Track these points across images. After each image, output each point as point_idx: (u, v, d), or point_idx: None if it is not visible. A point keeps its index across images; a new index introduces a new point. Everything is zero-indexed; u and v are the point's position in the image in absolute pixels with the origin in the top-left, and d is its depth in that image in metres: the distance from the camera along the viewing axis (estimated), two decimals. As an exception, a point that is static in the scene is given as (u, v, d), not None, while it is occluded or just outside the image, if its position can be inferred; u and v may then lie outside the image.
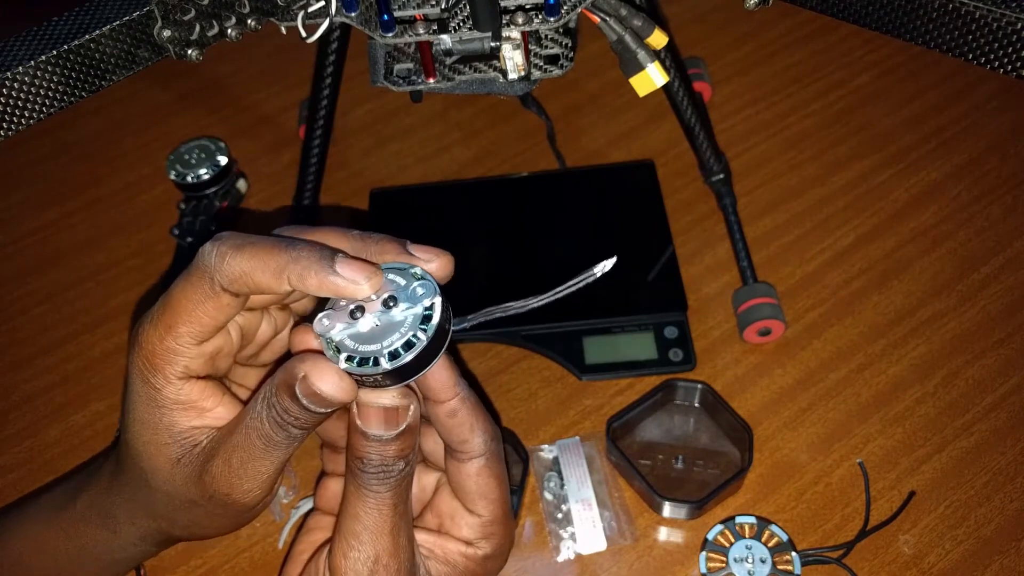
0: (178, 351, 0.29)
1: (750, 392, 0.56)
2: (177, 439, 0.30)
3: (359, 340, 0.27)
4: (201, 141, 0.68)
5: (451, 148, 0.73)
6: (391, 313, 0.28)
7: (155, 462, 0.31)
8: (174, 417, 0.30)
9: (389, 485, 0.29)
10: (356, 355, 0.27)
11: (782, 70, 0.76)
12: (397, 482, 0.29)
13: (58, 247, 0.70)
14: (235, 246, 0.28)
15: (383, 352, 0.27)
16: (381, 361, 0.27)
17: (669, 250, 0.61)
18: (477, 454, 0.32)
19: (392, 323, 0.27)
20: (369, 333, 0.27)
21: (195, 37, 0.47)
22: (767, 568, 0.46)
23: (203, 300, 0.29)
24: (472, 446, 0.31)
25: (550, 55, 0.53)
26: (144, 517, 0.33)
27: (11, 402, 0.60)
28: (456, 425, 0.31)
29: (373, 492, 0.29)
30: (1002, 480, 0.50)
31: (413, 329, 0.27)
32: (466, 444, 0.31)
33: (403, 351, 0.27)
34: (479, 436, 0.31)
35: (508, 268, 0.62)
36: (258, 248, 0.28)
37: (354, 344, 0.27)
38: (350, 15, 0.49)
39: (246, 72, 0.83)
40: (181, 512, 0.32)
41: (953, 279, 0.60)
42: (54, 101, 0.84)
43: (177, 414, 0.30)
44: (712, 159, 0.61)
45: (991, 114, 0.70)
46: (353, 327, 0.28)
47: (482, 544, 0.33)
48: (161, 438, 0.30)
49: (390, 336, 0.27)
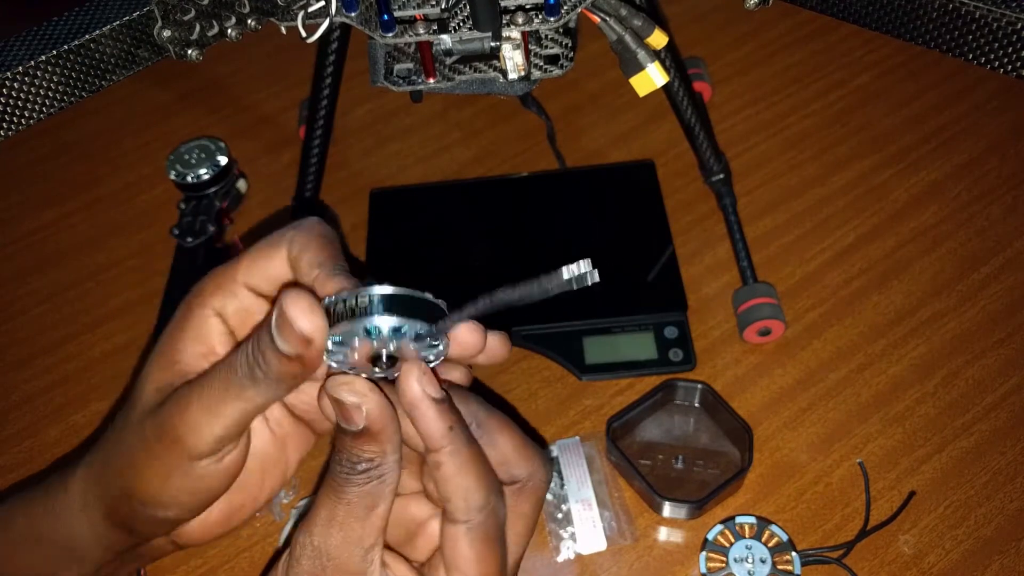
0: (227, 288, 0.30)
1: (750, 392, 0.56)
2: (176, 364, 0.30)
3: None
4: (201, 141, 0.68)
5: (451, 148, 0.73)
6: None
7: (145, 386, 0.30)
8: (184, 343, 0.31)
9: (354, 482, 0.27)
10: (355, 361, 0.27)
11: (782, 70, 0.76)
12: (364, 481, 0.27)
13: (58, 247, 0.70)
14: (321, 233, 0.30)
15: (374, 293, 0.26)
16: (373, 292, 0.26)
17: (669, 250, 0.61)
18: (458, 520, 0.28)
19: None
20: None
21: (195, 37, 0.47)
22: (767, 568, 0.46)
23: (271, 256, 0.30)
24: (452, 508, 0.28)
25: (550, 55, 0.53)
26: (118, 499, 0.31)
27: (11, 402, 0.60)
28: (439, 479, 0.28)
29: (337, 482, 0.28)
30: (1002, 480, 0.50)
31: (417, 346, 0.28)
32: (448, 503, 0.28)
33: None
34: (462, 501, 0.28)
35: (508, 268, 0.62)
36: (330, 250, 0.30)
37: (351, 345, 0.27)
38: (350, 15, 0.49)
39: (246, 72, 0.83)
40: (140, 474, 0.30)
41: (953, 279, 0.60)
42: (54, 101, 0.84)
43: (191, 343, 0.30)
44: (712, 159, 0.61)
45: (991, 114, 0.70)
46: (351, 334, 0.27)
47: None
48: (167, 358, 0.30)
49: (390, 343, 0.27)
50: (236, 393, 0.28)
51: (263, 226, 0.69)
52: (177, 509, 0.31)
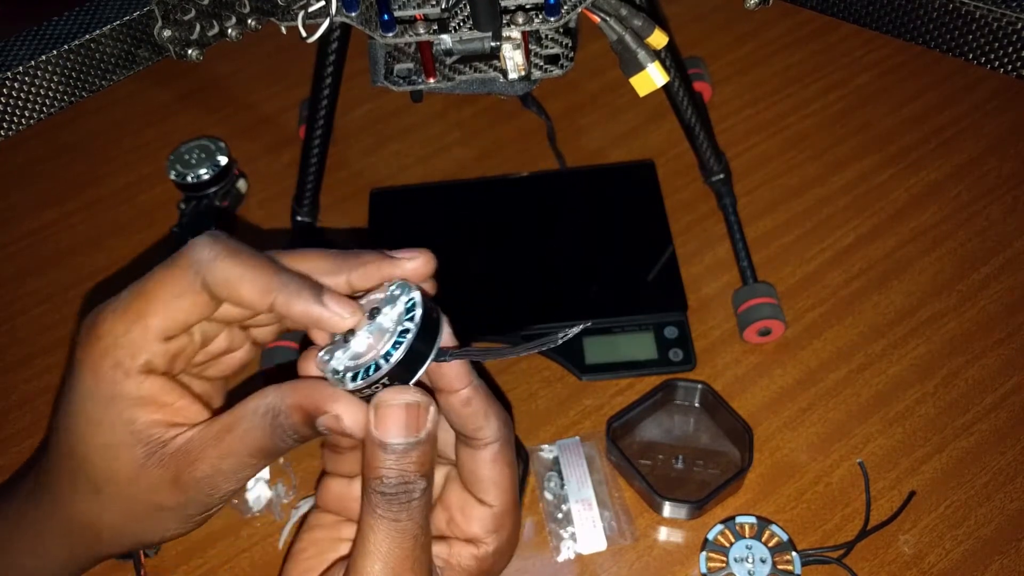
0: (143, 345, 0.28)
1: (750, 392, 0.56)
2: (140, 438, 0.28)
3: (358, 358, 0.28)
4: (201, 141, 0.68)
5: (451, 148, 0.73)
6: (378, 321, 0.28)
7: (113, 466, 0.28)
8: (133, 413, 0.28)
9: (410, 511, 0.28)
10: (358, 369, 0.27)
11: (782, 70, 0.76)
12: (418, 507, 0.28)
13: (58, 247, 0.70)
14: (231, 250, 0.28)
15: (379, 355, 0.27)
16: (381, 364, 0.27)
17: (669, 250, 0.61)
18: (492, 440, 0.31)
19: (382, 330, 0.28)
20: (365, 348, 0.28)
21: (195, 37, 0.47)
22: (767, 568, 0.46)
23: (182, 294, 0.28)
24: (486, 432, 0.31)
25: (550, 55, 0.53)
26: (81, 535, 0.31)
27: (11, 402, 0.60)
28: (471, 414, 0.30)
29: (391, 521, 0.27)
30: (1002, 480, 0.50)
31: (400, 324, 0.28)
32: (480, 431, 0.31)
33: (395, 348, 0.27)
34: (493, 422, 0.31)
35: (508, 268, 0.62)
36: (253, 261, 0.28)
37: (354, 363, 0.28)
38: (350, 15, 0.49)
39: (246, 72, 0.83)
40: (138, 521, 0.30)
41: (953, 279, 0.60)
42: (54, 101, 0.84)
43: (137, 410, 0.28)
44: (712, 159, 0.61)
45: (991, 114, 0.70)
46: (349, 350, 0.28)
47: (490, 539, 0.32)
48: (119, 438, 0.28)
49: (382, 340, 0.27)
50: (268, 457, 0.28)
51: (262, 235, 0.69)
52: (170, 539, 0.31)
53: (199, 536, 0.52)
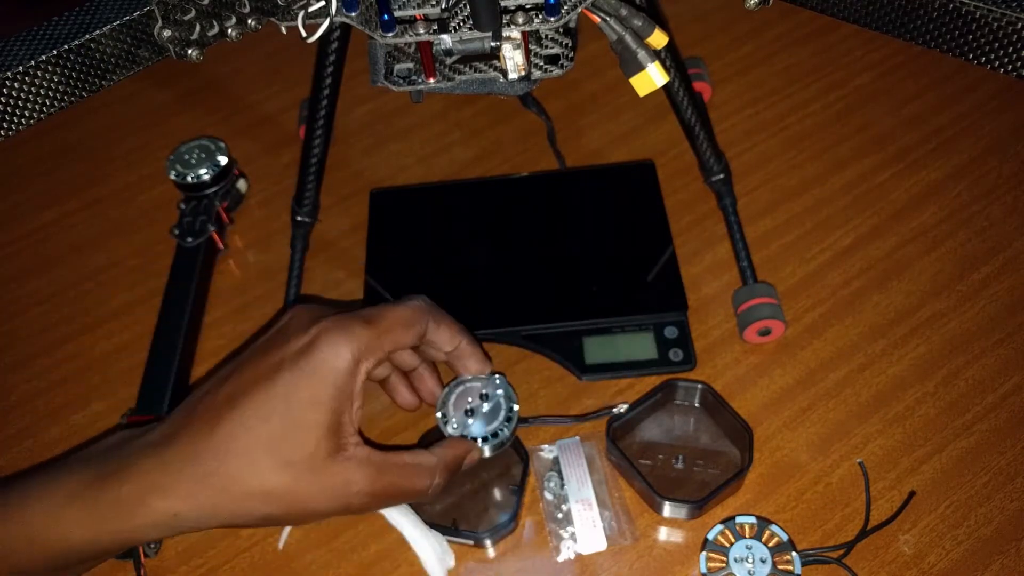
0: (379, 352, 0.42)
1: (750, 392, 0.56)
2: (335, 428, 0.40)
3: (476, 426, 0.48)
4: (201, 141, 0.68)
5: (451, 148, 0.73)
6: (492, 403, 0.49)
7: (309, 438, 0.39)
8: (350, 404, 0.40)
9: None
10: (488, 437, 0.48)
11: (782, 70, 0.76)
12: None
13: (58, 247, 0.70)
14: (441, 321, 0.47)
15: (500, 430, 0.48)
16: (501, 435, 0.48)
17: (669, 250, 0.61)
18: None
19: (494, 411, 0.49)
20: (485, 422, 0.48)
21: (195, 37, 0.47)
22: (767, 568, 0.46)
23: (410, 328, 0.44)
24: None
25: (550, 55, 0.53)
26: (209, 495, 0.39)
27: (11, 402, 0.60)
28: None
29: None
30: (1002, 480, 0.50)
31: (507, 410, 0.49)
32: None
33: (492, 437, 0.48)
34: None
35: (508, 267, 0.62)
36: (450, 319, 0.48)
37: (482, 431, 0.48)
38: (350, 15, 0.49)
39: (246, 72, 0.83)
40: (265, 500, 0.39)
41: (953, 279, 0.60)
42: (55, 101, 0.85)
43: (352, 401, 0.41)
44: (712, 159, 0.62)
45: (991, 114, 0.70)
46: (473, 422, 0.48)
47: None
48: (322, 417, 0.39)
49: (496, 421, 0.48)
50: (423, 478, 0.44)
51: (266, 233, 0.69)
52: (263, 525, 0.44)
53: (199, 536, 0.52)
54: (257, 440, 0.39)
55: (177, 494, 0.39)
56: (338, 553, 0.51)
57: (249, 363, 0.41)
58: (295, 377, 0.40)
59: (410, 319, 0.44)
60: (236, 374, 0.41)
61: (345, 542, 0.51)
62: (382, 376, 0.50)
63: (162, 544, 0.52)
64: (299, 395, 0.39)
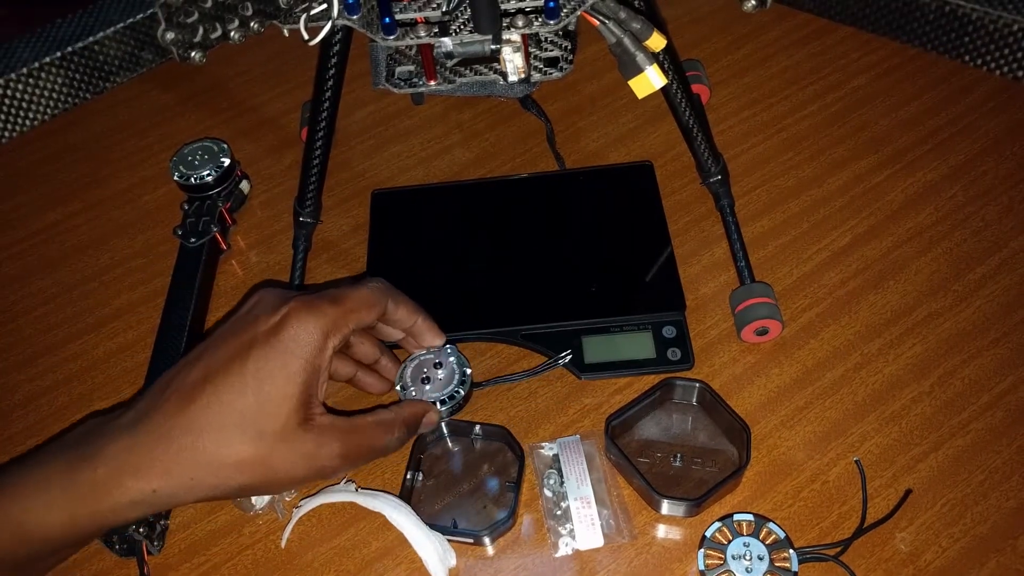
0: (345, 329, 0.45)
1: (748, 391, 0.56)
2: (305, 400, 0.42)
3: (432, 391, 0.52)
4: (204, 142, 0.69)
5: (452, 150, 0.73)
6: (447, 369, 0.53)
7: (281, 410, 0.42)
8: (317, 378, 0.43)
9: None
10: (444, 399, 0.52)
11: (779, 72, 0.76)
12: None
13: (62, 247, 0.71)
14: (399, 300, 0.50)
15: (454, 392, 0.52)
16: (457, 397, 0.52)
17: (667, 250, 0.61)
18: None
19: (448, 377, 0.53)
20: (441, 386, 0.52)
21: (198, 39, 0.47)
22: (765, 565, 0.47)
23: (373, 307, 0.47)
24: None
25: (550, 57, 0.54)
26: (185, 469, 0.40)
27: (14, 401, 0.61)
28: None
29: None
30: (998, 478, 0.51)
31: (460, 374, 0.53)
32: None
33: (449, 400, 0.52)
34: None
35: (508, 268, 0.62)
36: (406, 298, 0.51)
37: (437, 395, 0.52)
38: (352, 18, 0.49)
39: (249, 74, 0.83)
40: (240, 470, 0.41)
41: (949, 279, 0.60)
42: (58, 102, 0.85)
43: (320, 375, 0.43)
44: (710, 160, 0.62)
45: (987, 115, 0.70)
46: (426, 387, 0.52)
47: None
48: (293, 390, 0.42)
49: (450, 385, 0.52)
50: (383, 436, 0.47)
51: (267, 232, 0.70)
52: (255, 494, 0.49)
53: (202, 533, 0.52)
54: (231, 414, 0.41)
55: (153, 471, 0.40)
56: (340, 550, 0.51)
57: (220, 343, 0.43)
58: (267, 353, 0.42)
59: (372, 298, 0.47)
60: (207, 354, 0.43)
61: (347, 539, 0.51)
62: (349, 375, 0.53)
63: (165, 542, 0.52)
64: (271, 370, 0.42)
